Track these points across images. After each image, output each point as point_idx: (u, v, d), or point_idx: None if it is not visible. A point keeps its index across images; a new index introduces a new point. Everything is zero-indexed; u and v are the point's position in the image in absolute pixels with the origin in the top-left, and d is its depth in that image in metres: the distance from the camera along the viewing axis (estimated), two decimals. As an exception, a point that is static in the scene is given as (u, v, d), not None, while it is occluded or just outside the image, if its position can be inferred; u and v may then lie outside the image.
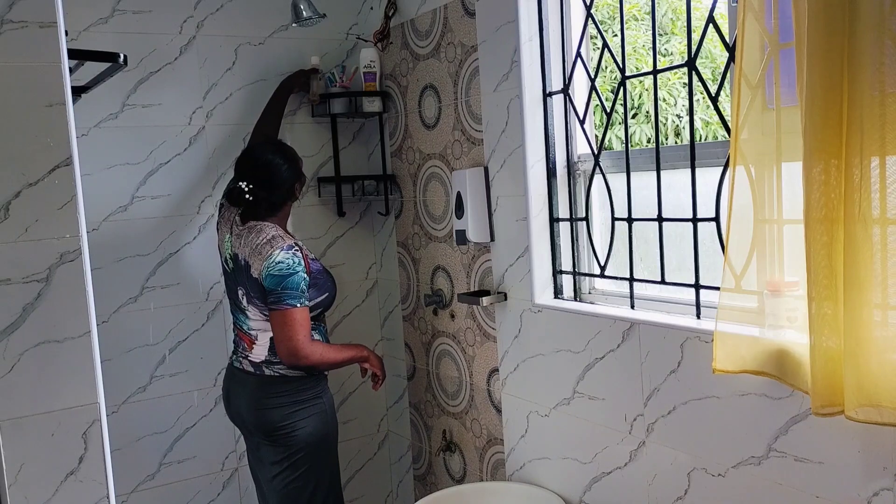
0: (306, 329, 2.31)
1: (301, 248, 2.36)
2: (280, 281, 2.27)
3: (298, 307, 2.29)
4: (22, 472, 1.34)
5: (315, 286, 2.39)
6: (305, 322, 2.31)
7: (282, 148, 2.49)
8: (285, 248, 2.29)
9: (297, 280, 2.29)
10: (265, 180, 2.41)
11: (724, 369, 1.65)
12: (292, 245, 2.32)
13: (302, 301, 2.30)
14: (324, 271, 2.46)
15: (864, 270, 1.36)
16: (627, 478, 2.10)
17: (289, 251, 2.30)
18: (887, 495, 1.49)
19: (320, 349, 2.37)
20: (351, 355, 2.49)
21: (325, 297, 2.44)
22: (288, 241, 2.33)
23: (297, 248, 2.33)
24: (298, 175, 2.49)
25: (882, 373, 1.37)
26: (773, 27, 1.52)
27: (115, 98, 2.72)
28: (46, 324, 1.34)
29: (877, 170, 1.34)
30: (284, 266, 2.28)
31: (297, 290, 2.29)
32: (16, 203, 1.32)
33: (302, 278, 2.30)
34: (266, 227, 2.38)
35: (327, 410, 2.46)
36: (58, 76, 1.34)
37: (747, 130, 1.56)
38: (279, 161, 2.44)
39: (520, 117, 2.33)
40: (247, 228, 2.40)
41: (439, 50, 2.69)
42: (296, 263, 2.29)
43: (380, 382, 2.57)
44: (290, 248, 2.30)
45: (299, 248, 2.35)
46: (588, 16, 2.20)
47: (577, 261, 2.37)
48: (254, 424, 2.43)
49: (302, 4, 2.79)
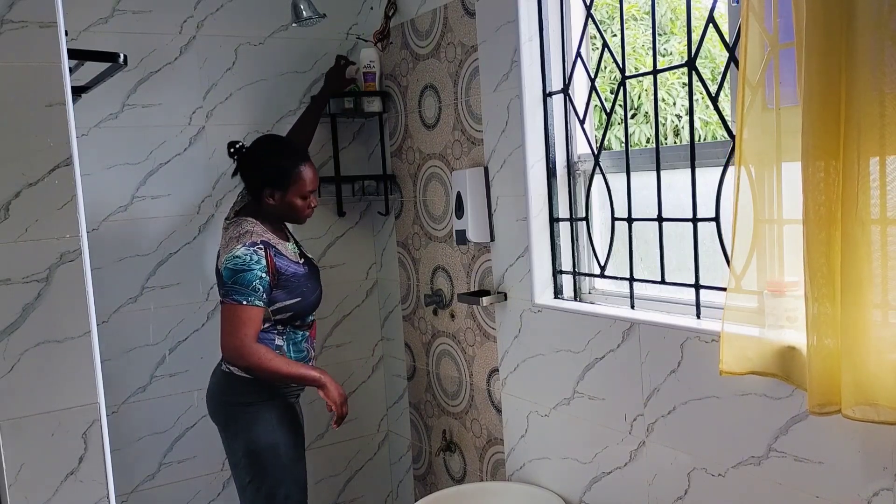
0: (250, 329, 2.20)
1: (268, 247, 2.26)
2: (232, 275, 2.20)
3: (244, 305, 2.19)
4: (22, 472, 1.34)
5: (285, 289, 2.30)
6: (251, 322, 2.20)
7: (280, 147, 2.39)
8: (247, 245, 2.22)
9: (250, 277, 2.20)
10: (244, 166, 2.37)
11: (731, 371, 1.65)
12: (256, 242, 2.24)
13: (250, 300, 2.20)
14: (305, 276, 2.37)
15: (863, 270, 1.37)
16: (627, 478, 2.10)
17: (250, 248, 2.22)
18: (887, 495, 1.49)
19: (263, 353, 2.22)
20: (301, 373, 2.28)
21: (295, 303, 2.33)
22: (259, 238, 2.26)
23: (262, 247, 2.24)
24: (273, 181, 2.33)
25: (879, 372, 1.37)
26: (772, 27, 1.52)
27: (115, 98, 2.72)
28: (46, 324, 1.34)
29: (876, 170, 1.34)
30: (240, 261, 2.20)
31: (247, 287, 2.19)
32: (16, 203, 1.32)
33: (256, 276, 2.20)
34: (246, 222, 2.32)
35: (274, 421, 2.32)
36: (58, 76, 1.34)
37: (747, 130, 1.56)
38: (263, 153, 2.36)
39: (520, 117, 2.33)
40: (233, 222, 2.36)
41: (439, 50, 2.69)
42: (253, 261, 2.21)
43: (336, 420, 2.31)
44: (252, 245, 2.23)
45: (265, 246, 2.25)
46: (588, 16, 2.20)
47: (577, 261, 2.37)
48: (211, 418, 2.45)
49: (302, 4, 2.79)
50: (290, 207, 2.36)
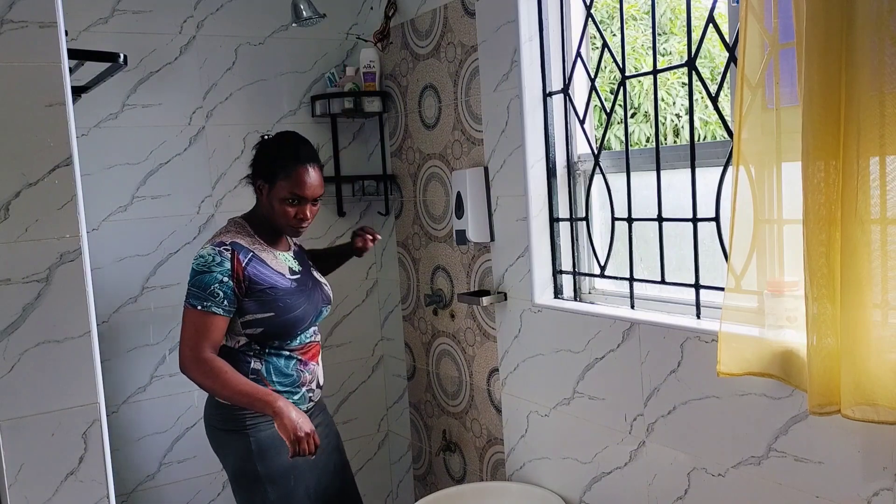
0: (202, 338, 1.96)
1: (237, 250, 2.02)
2: (192, 276, 2.01)
3: (199, 310, 1.97)
4: (22, 472, 1.34)
5: (257, 300, 2.03)
6: (205, 330, 1.97)
7: (289, 139, 2.14)
8: (214, 245, 2.02)
9: (208, 280, 1.97)
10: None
11: (729, 372, 1.65)
12: (224, 243, 2.02)
13: (206, 305, 1.97)
14: (289, 290, 2.08)
15: (862, 270, 1.37)
16: (627, 478, 2.10)
17: (216, 248, 2.01)
18: (887, 495, 1.49)
19: (211, 367, 1.96)
20: (250, 394, 1.96)
21: (267, 318, 2.04)
22: (229, 239, 2.04)
23: (229, 249, 2.00)
24: (264, 172, 2.09)
25: (879, 372, 1.37)
26: (772, 27, 1.52)
27: (115, 98, 2.72)
28: (46, 324, 1.34)
29: (875, 170, 1.34)
30: (202, 262, 1.99)
31: (203, 291, 1.97)
32: (16, 203, 1.32)
33: (216, 280, 1.97)
34: (232, 222, 2.15)
35: (251, 447, 2.05)
36: (58, 76, 1.34)
37: (747, 130, 1.56)
38: (271, 140, 2.15)
39: (520, 117, 2.33)
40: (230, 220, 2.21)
41: (439, 50, 2.69)
42: (214, 262, 1.98)
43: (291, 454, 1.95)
44: (218, 245, 2.01)
45: (234, 249, 2.01)
46: (588, 16, 2.20)
47: (577, 261, 2.37)
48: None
49: (302, 4, 2.79)
50: (272, 209, 2.09)
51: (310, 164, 2.08)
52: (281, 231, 2.14)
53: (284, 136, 2.15)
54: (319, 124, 3.11)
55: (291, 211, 2.08)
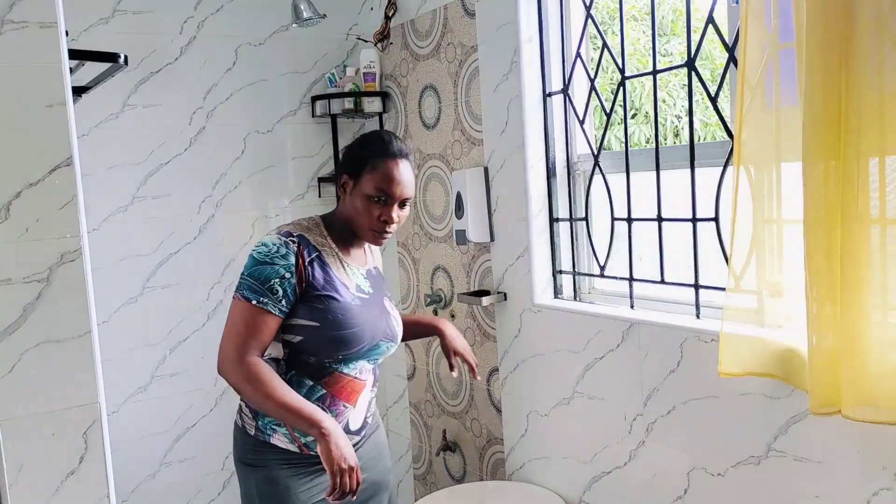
0: (253, 337, 1.68)
1: (304, 245, 1.74)
2: (252, 265, 1.71)
3: (253, 304, 1.67)
4: (22, 472, 1.34)
5: (308, 305, 1.72)
6: (257, 329, 1.68)
7: (378, 133, 1.85)
8: (281, 234, 1.74)
9: (269, 273, 1.68)
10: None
11: (730, 372, 1.65)
12: (292, 234, 1.74)
13: (263, 301, 1.67)
14: (348, 307, 1.75)
15: (862, 271, 1.37)
16: (627, 477, 2.10)
17: (282, 237, 1.73)
18: (887, 495, 1.49)
19: (254, 373, 1.66)
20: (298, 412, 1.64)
21: (311, 327, 1.72)
22: (297, 231, 1.77)
23: (296, 241, 1.73)
24: (349, 164, 1.81)
25: (879, 372, 1.37)
26: (772, 27, 1.52)
27: (116, 98, 2.73)
28: (47, 324, 1.34)
29: (875, 170, 1.34)
30: (265, 251, 1.70)
31: (262, 285, 1.68)
32: (16, 203, 1.32)
33: (277, 274, 1.68)
34: (306, 217, 1.88)
35: (263, 490, 1.77)
36: (58, 76, 1.34)
37: (747, 130, 1.56)
38: (361, 134, 1.90)
39: (520, 117, 2.33)
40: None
41: (439, 50, 2.69)
42: (279, 254, 1.70)
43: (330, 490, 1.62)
44: (285, 236, 1.74)
45: (301, 243, 1.73)
46: (588, 16, 2.20)
47: (577, 261, 2.37)
48: None
49: (302, 4, 2.79)
50: (354, 208, 1.79)
51: (402, 158, 1.78)
52: (360, 235, 1.81)
53: (377, 131, 1.92)
54: (319, 124, 3.11)
55: (375, 211, 1.76)
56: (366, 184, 1.76)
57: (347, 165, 1.81)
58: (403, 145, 1.81)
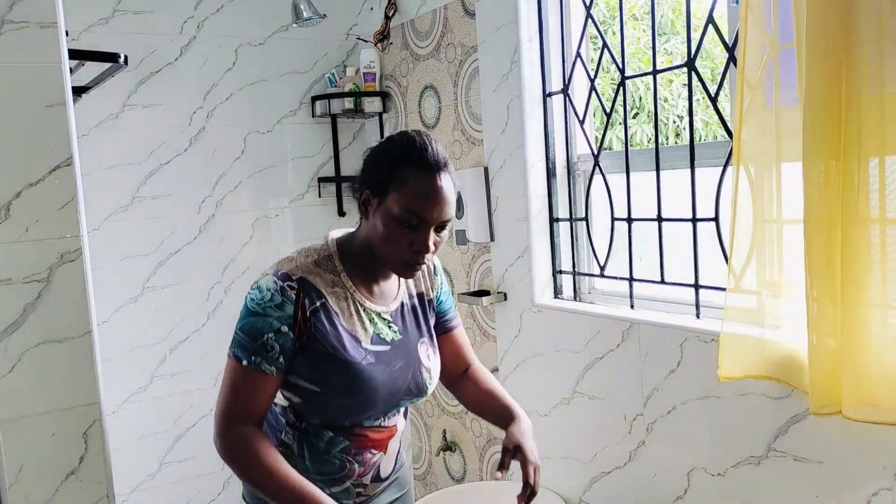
0: (245, 401, 1.38)
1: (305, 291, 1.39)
2: (242, 316, 1.40)
3: (243, 365, 1.37)
4: (22, 472, 1.34)
5: (308, 363, 1.40)
6: (245, 392, 1.38)
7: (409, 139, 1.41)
8: (279, 276, 1.39)
9: (261, 326, 1.36)
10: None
11: (731, 376, 1.64)
12: (291, 277, 1.38)
13: (255, 361, 1.36)
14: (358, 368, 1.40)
15: (863, 270, 1.37)
16: (627, 477, 2.10)
17: (279, 282, 1.38)
18: (887, 495, 1.49)
19: (242, 448, 1.37)
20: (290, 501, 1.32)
21: (310, 391, 1.41)
22: (299, 272, 1.40)
23: (295, 286, 1.38)
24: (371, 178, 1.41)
25: (880, 372, 1.37)
26: (772, 27, 1.52)
27: (116, 98, 2.72)
28: (47, 324, 1.34)
29: (875, 170, 1.34)
30: (258, 299, 1.37)
31: (254, 341, 1.37)
32: (16, 203, 1.32)
33: (271, 328, 1.36)
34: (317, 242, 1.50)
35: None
36: (58, 76, 1.34)
37: (746, 130, 1.56)
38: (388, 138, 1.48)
39: (520, 117, 2.33)
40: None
41: (439, 50, 2.69)
42: (273, 303, 1.37)
43: None
44: (283, 280, 1.38)
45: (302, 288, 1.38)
46: (588, 16, 2.20)
47: (577, 261, 2.37)
48: None
49: (302, 4, 2.79)
50: (377, 232, 1.39)
51: (441, 171, 1.38)
52: (386, 266, 1.44)
53: (406, 133, 1.44)
54: (319, 124, 3.11)
55: (406, 238, 1.37)
56: (393, 203, 1.36)
57: (370, 178, 1.42)
58: (441, 151, 1.41)
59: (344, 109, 3.00)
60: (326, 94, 3.02)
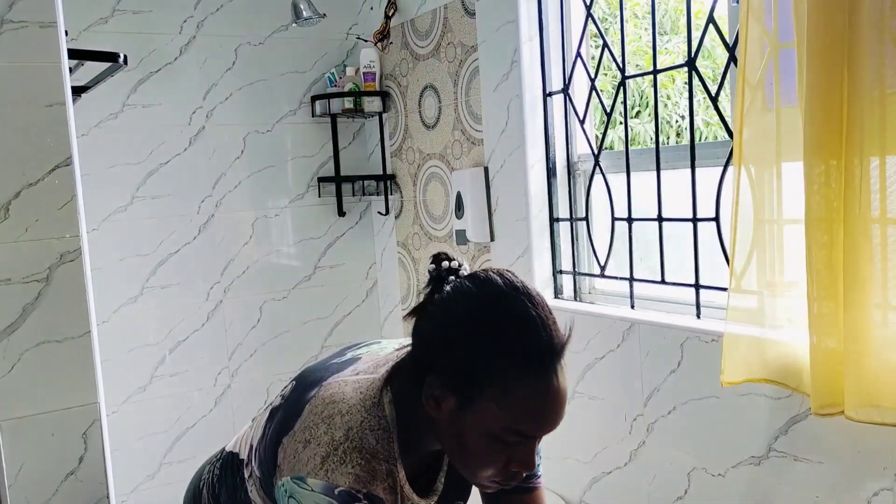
0: None
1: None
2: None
3: None
4: (22, 472, 1.34)
5: None
6: None
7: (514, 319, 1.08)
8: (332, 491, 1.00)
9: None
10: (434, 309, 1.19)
11: (733, 381, 1.63)
12: (357, 494, 1.00)
13: None
14: None
15: (864, 270, 1.36)
16: (627, 477, 2.10)
17: (335, 498, 0.99)
18: (887, 495, 1.49)
19: None
20: None
21: None
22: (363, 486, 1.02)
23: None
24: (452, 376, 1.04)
25: (882, 373, 1.37)
26: (772, 27, 1.52)
27: (116, 98, 2.72)
28: (46, 324, 1.34)
29: (877, 170, 1.34)
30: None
31: None
32: (16, 203, 1.32)
33: None
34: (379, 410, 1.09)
35: None
36: (58, 76, 1.33)
37: (747, 130, 1.56)
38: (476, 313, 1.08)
39: (520, 117, 2.33)
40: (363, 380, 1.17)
41: (439, 50, 2.69)
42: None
43: None
44: (343, 497, 1.00)
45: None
46: (588, 16, 2.20)
47: (577, 261, 2.37)
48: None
49: (302, 4, 2.79)
50: (459, 442, 1.05)
51: (556, 371, 1.07)
52: (469, 479, 1.12)
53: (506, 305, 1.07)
54: (319, 124, 3.11)
55: (503, 456, 1.04)
56: (490, 417, 1.00)
57: (449, 375, 1.03)
58: (561, 328, 1.12)
59: (344, 109, 3.00)
60: (326, 94, 3.02)
